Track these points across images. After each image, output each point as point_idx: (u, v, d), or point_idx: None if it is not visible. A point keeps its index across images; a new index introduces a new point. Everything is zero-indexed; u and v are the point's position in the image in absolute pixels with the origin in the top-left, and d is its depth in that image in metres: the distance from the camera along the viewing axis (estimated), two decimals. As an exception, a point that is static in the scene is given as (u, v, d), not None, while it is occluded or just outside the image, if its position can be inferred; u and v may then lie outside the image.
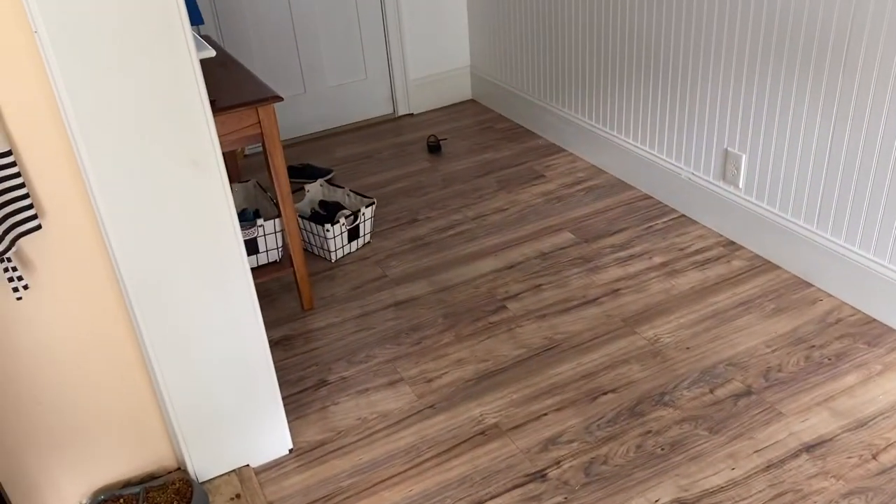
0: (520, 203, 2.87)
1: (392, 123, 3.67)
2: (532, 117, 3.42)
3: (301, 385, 2.07)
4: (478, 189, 3.00)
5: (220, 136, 1.87)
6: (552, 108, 3.26)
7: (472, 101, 3.84)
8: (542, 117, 3.34)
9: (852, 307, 2.15)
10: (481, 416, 1.91)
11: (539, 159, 3.19)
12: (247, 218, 2.40)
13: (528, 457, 1.79)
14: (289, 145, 3.53)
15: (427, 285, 2.44)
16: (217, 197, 1.49)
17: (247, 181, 2.59)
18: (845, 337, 2.05)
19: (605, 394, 1.94)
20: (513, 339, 2.17)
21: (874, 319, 2.09)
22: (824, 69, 2.03)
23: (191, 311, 1.56)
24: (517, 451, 1.80)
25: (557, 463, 1.76)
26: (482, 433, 1.86)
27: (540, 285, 2.38)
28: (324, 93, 3.55)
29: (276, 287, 2.50)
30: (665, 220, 2.67)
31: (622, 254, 2.50)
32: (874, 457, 1.70)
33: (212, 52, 1.66)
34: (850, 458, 1.70)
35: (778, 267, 2.35)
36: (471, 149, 3.34)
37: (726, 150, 2.43)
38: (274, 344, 2.23)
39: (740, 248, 2.46)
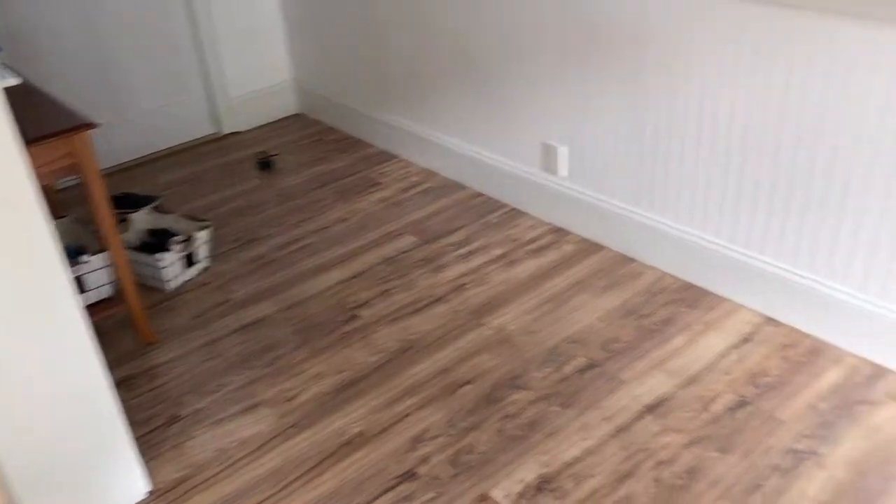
0: (359, 212, 2.89)
1: (218, 143, 3.56)
2: (361, 126, 3.44)
3: (151, 424, 1.96)
4: (315, 202, 2.98)
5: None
6: (379, 116, 3.30)
7: (299, 114, 3.80)
8: (370, 126, 3.38)
9: (672, 276, 2.36)
10: (345, 426, 1.91)
11: (373, 167, 3.22)
12: (68, 256, 2.24)
13: (396, 459, 1.81)
14: (106, 174, 3.32)
15: (274, 304, 2.39)
16: (39, 237, 1.38)
17: (63, 217, 2.42)
18: (669, 303, 2.25)
19: (463, 386, 2.01)
20: (368, 346, 2.18)
21: (693, 285, 2.31)
22: (626, 60, 2.22)
23: (20, 361, 1.44)
24: (384, 456, 1.82)
25: (425, 460, 1.80)
26: (348, 443, 1.86)
27: (388, 290, 2.41)
28: (140, 117, 3.37)
29: (110, 325, 2.35)
30: (498, 214, 2.79)
31: (462, 251, 2.59)
32: (706, 408, 1.88)
33: (17, 79, 1.54)
34: (686, 412, 1.87)
35: (604, 247, 2.53)
36: (303, 162, 3.31)
37: (548, 143, 2.58)
38: (116, 385, 2.10)
39: (569, 233, 2.63)
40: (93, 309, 2.15)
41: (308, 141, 3.52)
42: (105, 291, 2.19)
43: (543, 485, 1.71)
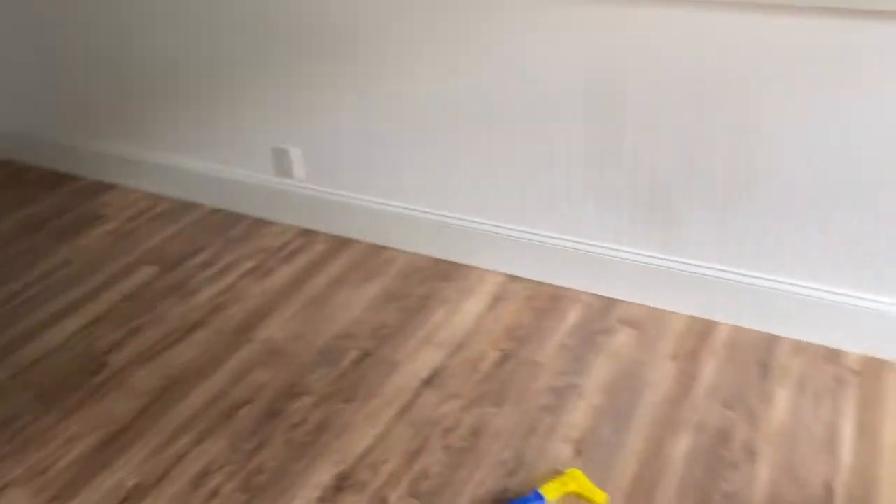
0: (84, 250, 2.63)
1: None
2: (66, 160, 3.12)
3: None
4: (28, 248, 2.66)
5: None
6: (87, 145, 3.02)
7: (-13, 156, 3.35)
8: (78, 157, 3.08)
9: (423, 256, 2.47)
10: (118, 483, 1.75)
11: (89, 200, 2.94)
12: None
13: (183, 501, 1.70)
14: None
15: (3, 371, 2.10)
16: None
17: None
18: (425, 281, 2.35)
19: (240, 407, 1.93)
20: (126, 392, 2.01)
21: (442, 260, 2.44)
22: (343, 57, 2.26)
23: None
24: (170, 501, 1.70)
25: (215, 493, 1.71)
26: (125, 499, 1.71)
27: (137, 327, 2.24)
28: None
29: None
30: (241, 226, 2.70)
31: (211, 271, 2.47)
32: (475, 369, 2.00)
33: None
34: (459, 377, 1.98)
35: (354, 241, 2.57)
36: (2, 208, 2.93)
37: (279, 147, 2.55)
38: None
39: (317, 233, 2.63)
40: None
41: (2, 184, 3.12)
42: None
43: (342, 483, 1.71)
